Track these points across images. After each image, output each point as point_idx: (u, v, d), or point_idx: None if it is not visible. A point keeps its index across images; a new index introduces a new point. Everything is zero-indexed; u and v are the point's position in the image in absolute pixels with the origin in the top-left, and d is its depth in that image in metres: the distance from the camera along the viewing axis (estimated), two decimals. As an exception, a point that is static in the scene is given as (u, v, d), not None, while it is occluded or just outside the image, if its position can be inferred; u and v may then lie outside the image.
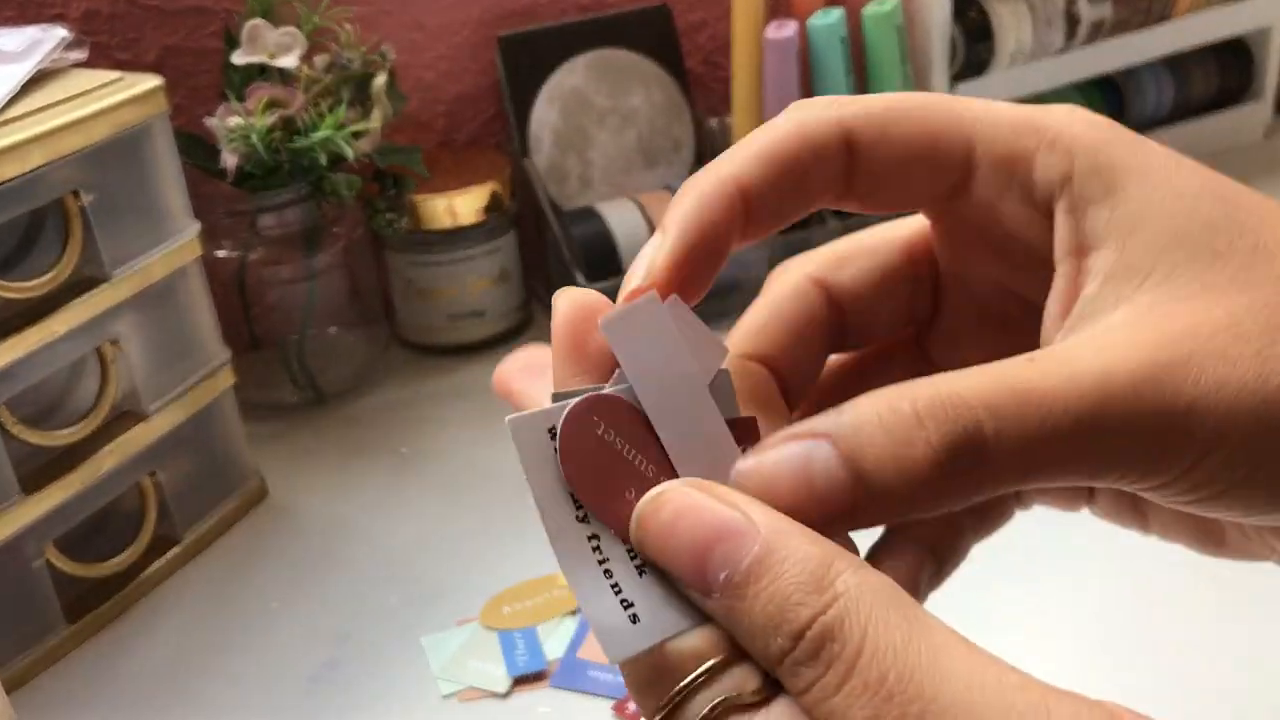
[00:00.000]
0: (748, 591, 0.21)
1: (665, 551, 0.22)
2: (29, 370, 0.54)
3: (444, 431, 0.72)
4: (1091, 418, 0.22)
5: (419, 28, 0.81)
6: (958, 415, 0.22)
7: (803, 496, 0.22)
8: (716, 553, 0.21)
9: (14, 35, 0.58)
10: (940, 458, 0.22)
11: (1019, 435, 0.22)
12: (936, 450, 0.22)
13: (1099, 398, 0.23)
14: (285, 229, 0.71)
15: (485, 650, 0.54)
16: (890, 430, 0.22)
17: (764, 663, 0.21)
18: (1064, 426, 0.22)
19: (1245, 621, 0.52)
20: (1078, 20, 0.85)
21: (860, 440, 0.22)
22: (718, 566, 0.21)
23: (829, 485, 0.22)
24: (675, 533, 0.22)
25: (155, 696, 0.54)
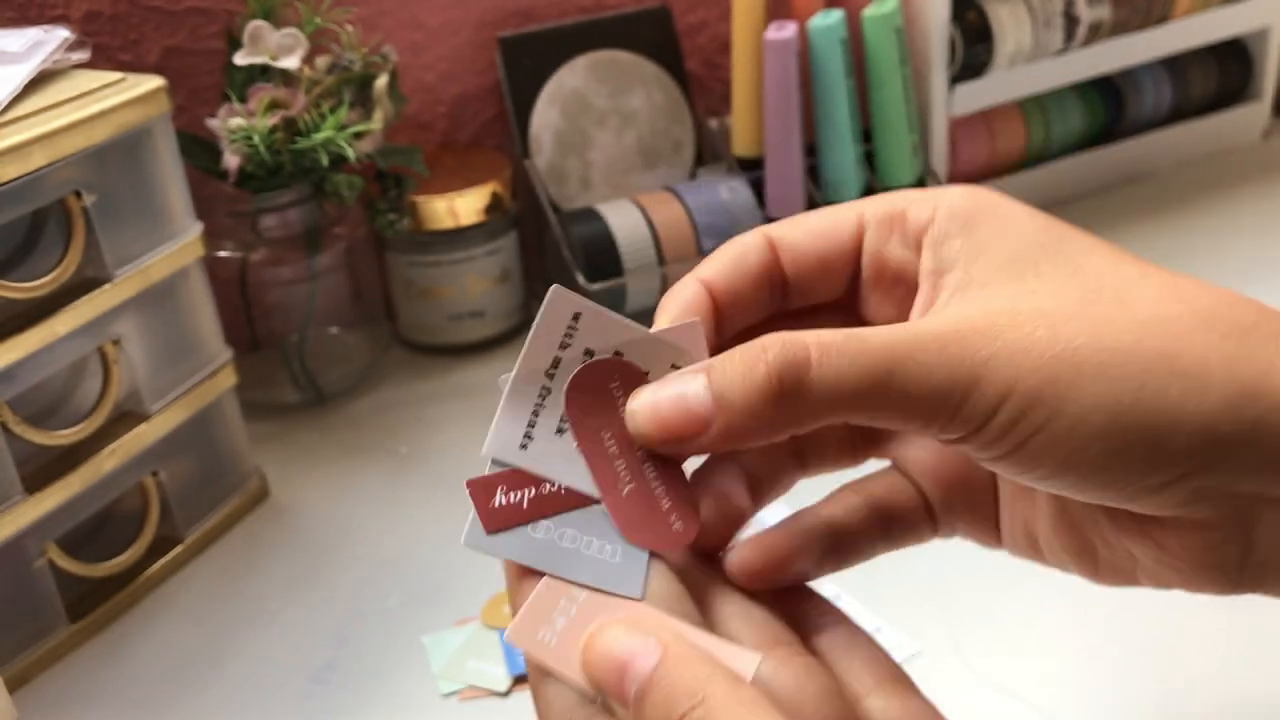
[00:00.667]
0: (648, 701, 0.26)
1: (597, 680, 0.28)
2: (31, 370, 0.54)
3: (444, 431, 0.72)
4: (898, 360, 0.27)
5: (420, 29, 0.81)
6: (792, 347, 0.28)
7: (680, 414, 0.28)
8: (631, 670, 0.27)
9: (16, 36, 0.58)
10: (772, 377, 0.27)
11: (837, 368, 0.27)
12: (770, 369, 0.28)
13: (909, 345, 0.28)
14: (287, 229, 0.71)
15: (486, 649, 0.54)
16: (743, 358, 0.28)
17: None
18: (876, 366, 0.27)
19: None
20: (1076, 21, 0.85)
21: (722, 367, 0.28)
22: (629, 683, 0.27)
23: (698, 403, 0.28)
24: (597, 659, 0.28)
25: (157, 696, 0.54)
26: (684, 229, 0.78)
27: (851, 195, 0.81)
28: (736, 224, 0.79)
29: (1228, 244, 0.82)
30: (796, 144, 0.78)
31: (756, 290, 0.33)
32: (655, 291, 0.78)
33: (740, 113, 0.81)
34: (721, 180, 0.80)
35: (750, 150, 0.81)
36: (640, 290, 0.77)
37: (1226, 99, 0.97)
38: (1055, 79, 0.87)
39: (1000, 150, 0.89)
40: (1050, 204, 0.90)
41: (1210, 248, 0.82)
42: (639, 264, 0.76)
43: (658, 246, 0.77)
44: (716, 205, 0.79)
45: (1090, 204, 0.90)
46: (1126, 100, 0.92)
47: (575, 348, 0.30)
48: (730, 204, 0.79)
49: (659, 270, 0.77)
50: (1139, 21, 0.88)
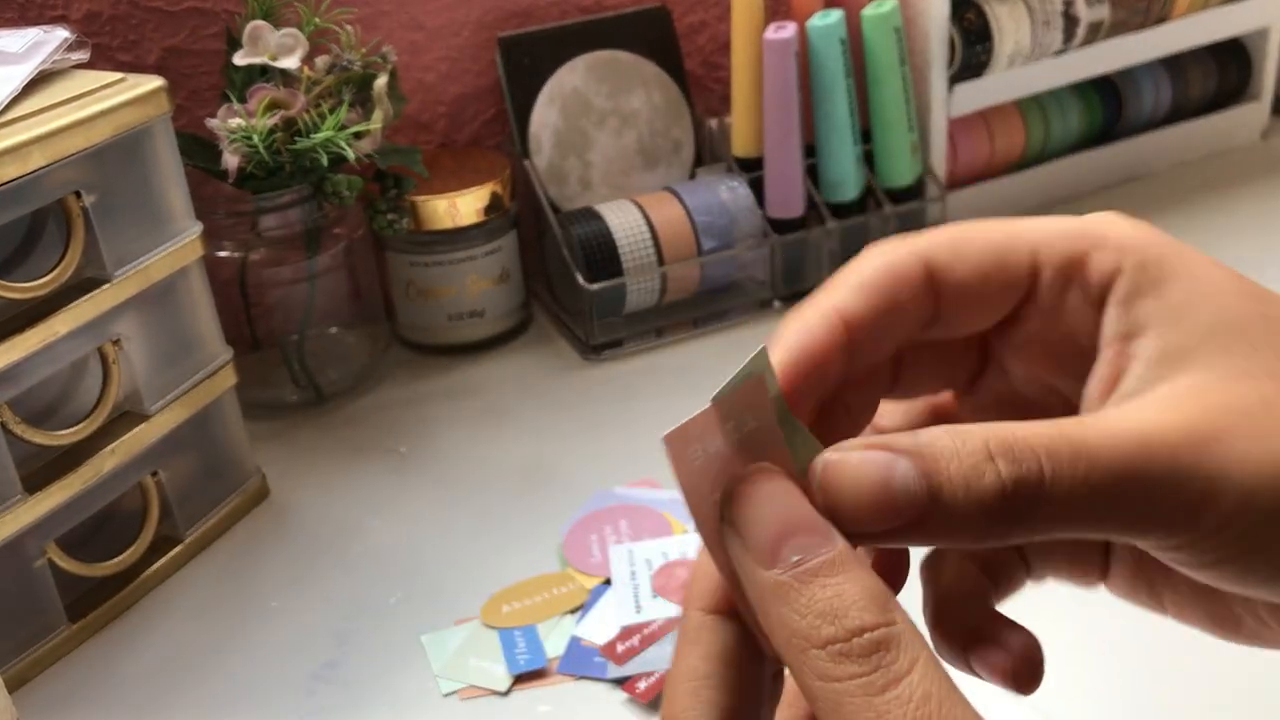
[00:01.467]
0: (814, 580, 0.24)
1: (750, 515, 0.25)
2: (31, 370, 0.54)
3: (444, 431, 0.72)
4: (1132, 474, 0.25)
5: (419, 29, 0.81)
6: (1023, 455, 0.25)
7: (881, 500, 0.24)
8: (798, 538, 0.24)
9: (16, 36, 0.58)
10: (1006, 490, 0.24)
11: (1070, 482, 0.25)
12: (1004, 482, 0.24)
13: (1140, 456, 0.25)
14: (286, 229, 0.71)
15: (485, 648, 0.54)
16: (965, 459, 0.25)
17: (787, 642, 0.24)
18: (1108, 480, 0.25)
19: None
20: (1076, 21, 0.85)
21: (939, 463, 0.24)
22: (793, 549, 0.24)
23: (906, 495, 0.24)
24: (766, 506, 0.25)
25: (157, 695, 0.54)
26: (683, 229, 0.78)
27: (851, 195, 0.81)
28: (736, 224, 0.79)
29: (1227, 244, 0.82)
30: (796, 144, 0.79)
31: (902, 325, 0.29)
32: (655, 291, 0.78)
33: (740, 113, 0.81)
34: (721, 180, 0.80)
35: (750, 150, 0.82)
36: (640, 290, 0.77)
37: (1225, 99, 0.97)
38: (1054, 79, 0.87)
39: (999, 150, 0.89)
40: (1049, 204, 0.90)
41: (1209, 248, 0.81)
42: (638, 264, 0.77)
43: (657, 246, 0.77)
44: (716, 205, 0.79)
45: (1089, 204, 0.90)
46: (1125, 100, 0.92)
47: None
48: (730, 204, 0.79)
49: (658, 270, 0.77)
50: (1138, 22, 0.88)
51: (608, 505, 0.63)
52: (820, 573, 0.24)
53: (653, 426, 0.76)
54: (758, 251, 0.80)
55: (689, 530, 0.60)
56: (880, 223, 0.82)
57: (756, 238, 0.80)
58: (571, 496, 0.64)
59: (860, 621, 0.23)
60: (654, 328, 0.80)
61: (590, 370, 0.77)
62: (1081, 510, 0.25)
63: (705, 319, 0.81)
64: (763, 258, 0.80)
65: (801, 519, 0.24)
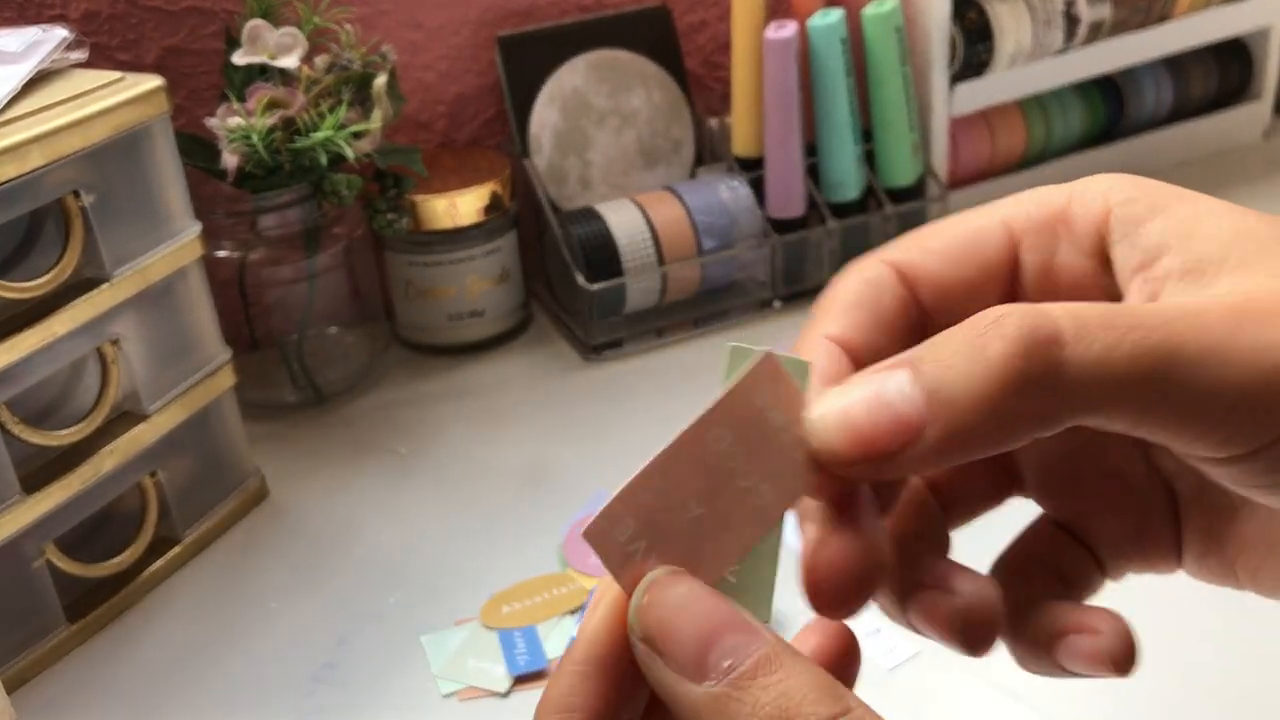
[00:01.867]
0: (754, 683, 0.21)
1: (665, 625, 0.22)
2: (30, 370, 0.54)
3: (444, 431, 0.72)
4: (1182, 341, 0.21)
5: (419, 28, 0.81)
6: (1037, 318, 0.21)
7: (879, 417, 0.22)
8: (725, 642, 0.21)
9: (14, 36, 0.58)
10: (1013, 357, 0.21)
11: (1102, 347, 0.21)
12: (1009, 347, 0.21)
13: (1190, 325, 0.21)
14: (286, 229, 0.71)
15: (485, 649, 0.54)
16: (965, 339, 0.22)
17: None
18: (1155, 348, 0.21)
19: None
20: (1077, 21, 0.85)
21: (934, 355, 0.22)
22: (722, 655, 0.21)
23: (905, 403, 0.21)
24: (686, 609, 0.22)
25: (156, 696, 0.54)
26: (684, 229, 0.77)
27: (852, 195, 0.81)
28: (736, 223, 0.79)
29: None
30: (796, 143, 0.78)
31: (893, 340, 0.26)
32: (655, 291, 0.78)
33: (740, 112, 0.81)
34: (721, 180, 0.80)
35: (750, 150, 0.81)
36: (640, 290, 0.77)
37: (1227, 98, 0.96)
38: (1056, 78, 0.87)
39: (1001, 150, 0.89)
40: (1050, 203, 0.90)
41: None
42: (638, 264, 0.76)
43: (657, 246, 0.77)
44: (716, 205, 0.79)
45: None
46: (1127, 100, 0.92)
47: None
48: (730, 203, 0.79)
49: (658, 270, 0.77)
50: (1139, 21, 0.88)
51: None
52: (758, 673, 0.21)
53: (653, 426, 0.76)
54: (758, 251, 0.80)
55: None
56: (881, 223, 0.82)
57: (757, 238, 0.79)
58: (571, 497, 0.64)
59: (816, 715, 0.20)
60: (654, 328, 0.80)
61: (590, 370, 0.77)
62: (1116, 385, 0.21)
63: (705, 319, 0.81)
64: (763, 258, 0.80)
65: (723, 619, 0.22)
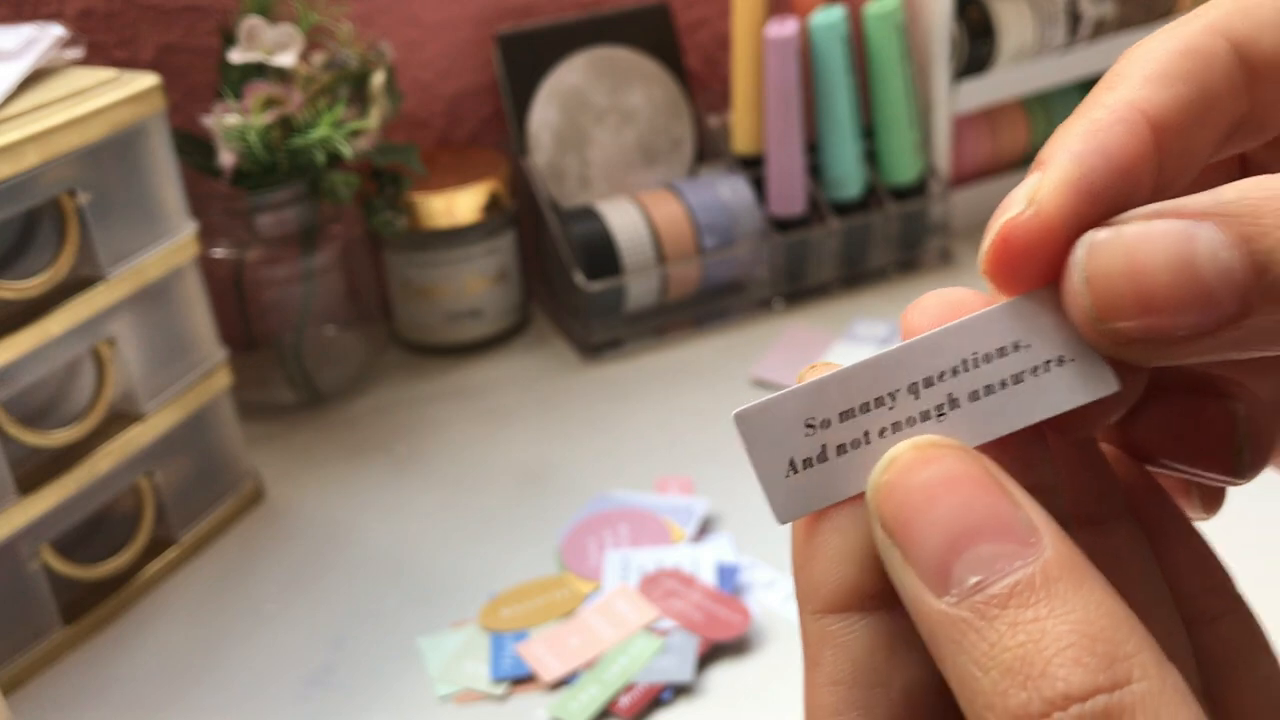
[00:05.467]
0: (1004, 614, 0.16)
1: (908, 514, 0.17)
2: (25, 370, 0.53)
3: (442, 432, 0.71)
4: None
5: (417, 25, 0.80)
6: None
7: (1183, 284, 0.16)
8: (979, 548, 0.16)
9: (10, 33, 0.57)
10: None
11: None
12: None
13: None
14: (282, 228, 0.71)
15: (482, 652, 0.54)
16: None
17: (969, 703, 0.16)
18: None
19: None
20: (1080, 18, 0.85)
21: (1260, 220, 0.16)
22: (971, 566, 0.16)
23: (1217, 272, 0.16)
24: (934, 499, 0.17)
25: (152, 698, 0.54)
26: (684, 227, 0.77)
27: (854, 193, 0.81)
28: (737, 222, 0.78)
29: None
30: (797, 141, 0.78)
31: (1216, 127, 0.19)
32: (655, 290, 0.78)
33: (741, 110, 0.80)
34: (722, 178, 0.80)
35: (751, 148, 0.81)
36: (640, 289, 0.77)
37: (1229, 96, 0.96)
38: (1058, 76, 0.87)
39: (1003, 147, 0.88)
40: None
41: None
42: (639, 263, 0.76)
43: (657, 245, 0.76)
44: (717, 203, 0.78)
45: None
46: (1129, 98, 0.92)
47: None
48: (730, 202, 0.78)
49: (658, 269, 0.77)
50: (1142, 18, 0.88)
51: (608, 509, 0.62)
52: (1012, 600, 0.16)
53: (653, 426, 0.76)
54: (759, 250, 0.79)
55: (687, 538, 0.59)
56: (883, 221, 0.82)
57: (758, 236, 0.79)
58: (570, 498, 0.64)
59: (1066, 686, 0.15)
60: (654, 327, 0.79)
61: (590, 370, 0.77)
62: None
63: (706, 318, 0.81)
64: (764, 256, 0.80)
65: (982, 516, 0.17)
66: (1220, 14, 0.20)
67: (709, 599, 0.54)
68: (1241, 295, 0.16)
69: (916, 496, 0.17)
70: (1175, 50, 0.19)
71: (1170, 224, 0.17)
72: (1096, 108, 0.19)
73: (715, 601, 0.53)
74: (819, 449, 0.18)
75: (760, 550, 0.57)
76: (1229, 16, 0.20)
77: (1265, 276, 0.16)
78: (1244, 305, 0.16)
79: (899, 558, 0.17)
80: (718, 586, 0.55)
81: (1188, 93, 0.19)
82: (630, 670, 0.51)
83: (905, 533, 0.17)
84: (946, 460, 0.17)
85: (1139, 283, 0.17)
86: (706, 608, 0.53)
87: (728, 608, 0.53)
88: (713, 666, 0.51)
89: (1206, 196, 0.17)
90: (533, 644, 0.54)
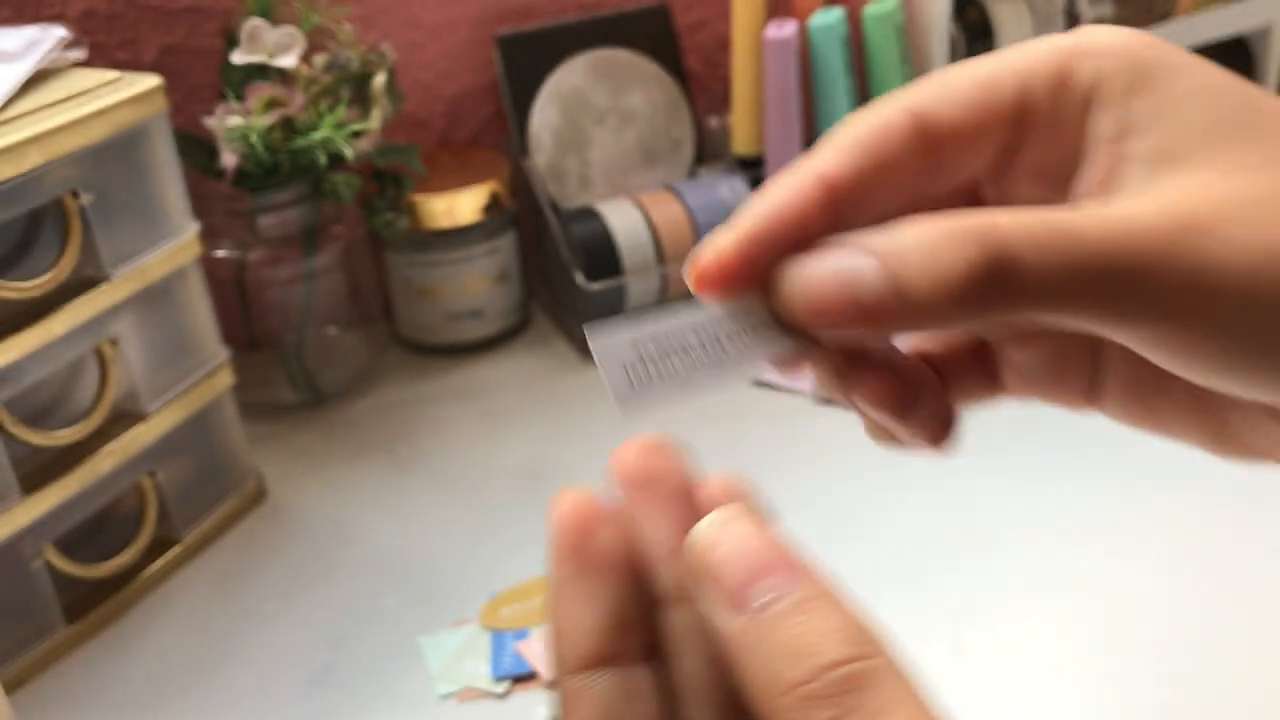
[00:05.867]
0: (786, 619, 0.22)
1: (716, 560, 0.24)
2: (28, 370, 0.54)
3: (443, 431, 0.72)
4: (1121, 255, 0.24)
5: (418, 27, 0.81)
6: (995, 236, 0.23)
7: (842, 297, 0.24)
8: (770, 579, 0.23)
9: (12, 35, 0.58)
10: (974, 271, 0.23)
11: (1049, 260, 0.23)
12: (972, 265, 0.23)
13: (1130, 239, 0.24)
14: (284, 229, 0.71)
15: (482, 651, 0.54)
16: (932, 245, 0.24)
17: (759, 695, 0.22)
18: (1094, 260, 0.24)
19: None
20: (1078, 20, 0.85)
21: (903, 255, 0.23)
22: (761, 591, 0.23)
23: (869, 292, 0.24)
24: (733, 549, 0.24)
25: (154, 697, 0.54)
26: (683, 228, 0.77)
27: (852, 194, 0.81)
28: (736, 223, 0.79)
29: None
30: (797, 142, 0.78)
31: (896, 183, 0.27)
32: (655, 291, 0.78)
33: (740, 111, 0.81)
34: (721, 179, 0.80)
35: (750, 149, 0.81)
36: (640, 289, 0.77)
37: (1227, 97, 0.96)
38: (1056, 77, 0.87)
39: (1001, 149, 0.89)
40: (1051, 203, 0.90)
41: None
42: (638, 263, 0.76)
43: (657, 246, 0.77)
44: (716, 204, 0.78)
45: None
46: (1127, 99, 0.92)
47: None
48: (730, 203, 0.79)
49: (658, 269, 0.77)
50: (1141, 19, 0.88)
51: (607, 506, 0.62)
52: (791, 611, 0.22)
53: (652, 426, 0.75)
54: (758, 251, 0.80)
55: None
56: (881, 222, 0.82)
57: (757, 237, 0.79)
58: (571, 497, 0.64)
59: (831, 656, 0.21)
60: (654, 327, 0.80)
61: (590, 370, 0.77)
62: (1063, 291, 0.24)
63: (705, 318, 0.81)
64: (763, 257, 0.80)
65: (771, 559, 0.23)
66: (910, 95, 0.28)
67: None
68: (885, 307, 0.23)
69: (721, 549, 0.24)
70: (864, 125, 0.27)
71: (840, 255, 0.24)
72: (789, 173, 0.27)
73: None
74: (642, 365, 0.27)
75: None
76: (916, 95, 0.28)
77: (904, 296, 0.23)
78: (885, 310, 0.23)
79: (709, 592, 0.23)
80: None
81: (863, 158, 0.27)
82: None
83: (713, 573, 0.23)
84: (740, 523, 0.24)
85: (812, 294, 0.25)
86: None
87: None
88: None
89: (875, 237, 0.24)
90: (533, 642, 0.54)
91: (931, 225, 0.24)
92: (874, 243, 0.24)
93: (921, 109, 0.27)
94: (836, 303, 0.24)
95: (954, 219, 0.24)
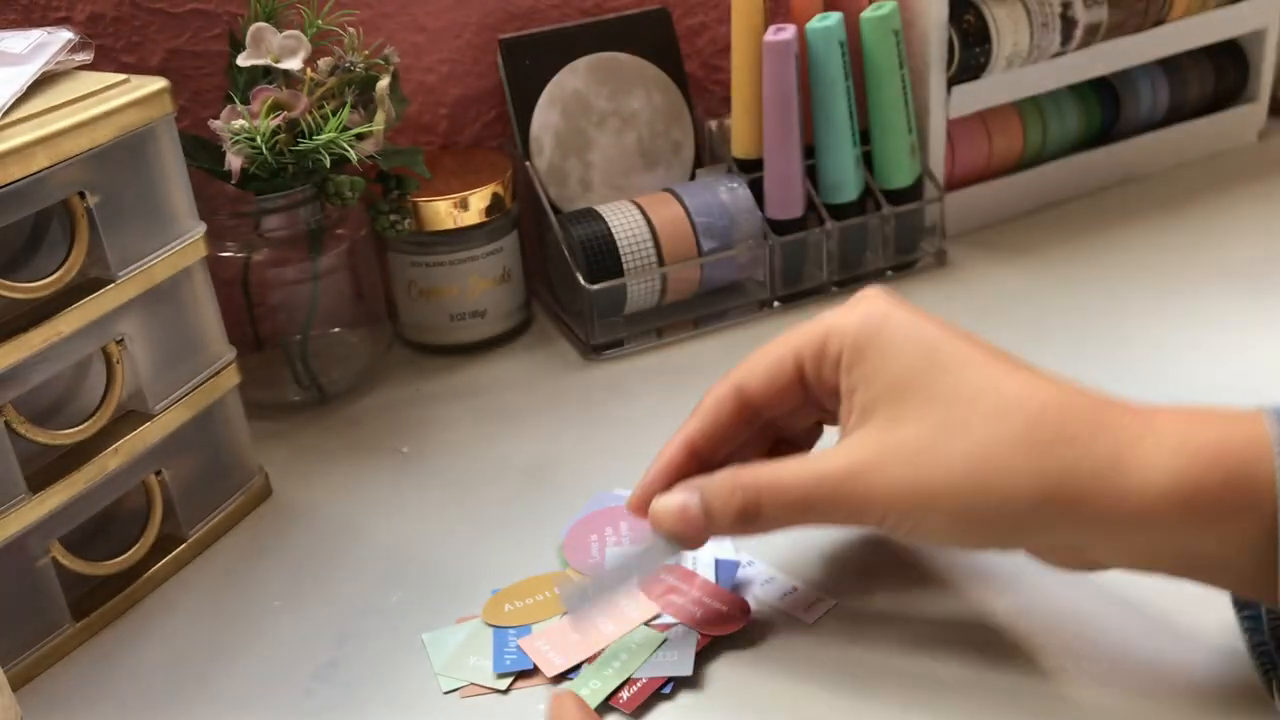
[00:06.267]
0: None
1: None
2: (35, 370, 0.54)
3: (446, 430, 0.72)
4: (814, 499, 0.45)
5: (421, 31, 0.81)
6: (748, 492, 0.46)
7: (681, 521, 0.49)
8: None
9: (19, 38, 0.58)
10: (744, 508, 0.46)
11: (774, 505, 0.46)
12: (739, 509, 0.46)
13: (816, 488, 0.44)
14: (289, 230, 0.72)
15: (485, 647, 0.55)
16: (722, 490, 0.47)
17: None
18: (801, 503, 0.45)
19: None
20: (1074, 23, 0.86)
21: (709, 497, 0.48)
22: None
23: (695, 516, 0.48)
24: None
25: (160, 693, 0.55)
26: (683, 230, 0.78)
27: (851, 196, 0.82)
28: (735, 224, 0.79)
29: (1224, 244, 0.82)
30: (795, 145, 0.79)
31: (735, 432, 0.50)
32: (655, 291, 0.78)
33: (739, 114, 0.81)
34: (721, 181, 0.81)
35: (749, 152, 0.82)
36: (640, 290, 0.78)
37: (1223, 100, 0.97)
38: (1053, 80, 0.88)
39: (998, 151, 0.89)
40: (1047, 205, 0.91)
41: (1207, 248, 0.82)
42: (639, 264, 0.77)
43: (657, 247, 0.77)
44: (716, 206, 0.79)
45: (1087, 205, 0.90)
46: (1123, 102, 0.92)
47: None
48: (730, 205, 0.79)
49: (659, 271, 0.77)
50: (1136, 23, 0.89)
51: (609, 506, 0.63)
52: None
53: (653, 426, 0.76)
54: (757, 252, 0.80)
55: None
56: (879, 223, 0.83)
57: (756, 238, 0.80)
58: (572, 495, 0.64)
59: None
60: (654, 328, 0.80)
61: (590, 370, 0.78)
62: (785, 519, 0.46)
63: (705, 319, 0.81)
64: (762, 258, 0.81)
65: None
66: (737, 372, 0.50)
67: (708, 595, 0.54)
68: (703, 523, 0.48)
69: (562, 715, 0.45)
70: (711, 397, 0.50)
71: (679, 494, 0.48)
72: (668, 444, 0.51)
73: (714, 597, 0.54)
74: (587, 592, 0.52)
75: (758, 548, 0.58)
76: (738, 373, 0.50)
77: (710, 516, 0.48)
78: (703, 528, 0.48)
79: None
80: (717, 582, 0.55)
81: (710, 422, 0.50)
82: (631, 665, 0.52)
83: None
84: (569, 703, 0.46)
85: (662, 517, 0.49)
86: (706, 603, 0.54)
87: (726, 603, 0.54)
88: (712, 661, 0.52)
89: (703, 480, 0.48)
90: (535, 639, 0.54)
91: (725, 477, 0.47)
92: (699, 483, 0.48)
93: (741, 384, 0.49)
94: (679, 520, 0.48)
95: (737, 473, 0.46)
